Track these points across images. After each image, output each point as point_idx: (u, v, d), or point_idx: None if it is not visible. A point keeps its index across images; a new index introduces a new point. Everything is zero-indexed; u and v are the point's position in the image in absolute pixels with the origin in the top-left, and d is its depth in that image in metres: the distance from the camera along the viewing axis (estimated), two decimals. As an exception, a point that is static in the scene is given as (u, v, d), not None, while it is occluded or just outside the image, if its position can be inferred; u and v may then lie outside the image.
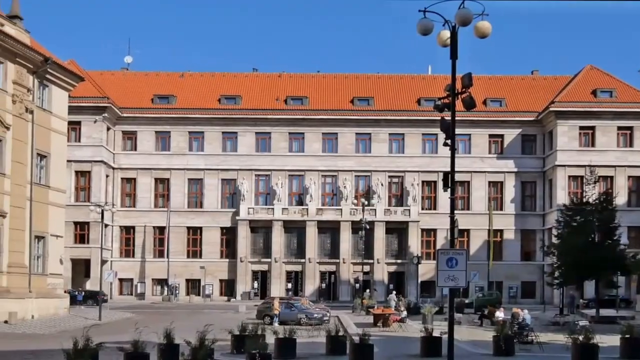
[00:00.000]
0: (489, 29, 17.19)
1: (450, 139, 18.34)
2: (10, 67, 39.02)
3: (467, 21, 17.02)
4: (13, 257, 38.99)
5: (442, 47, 17.87)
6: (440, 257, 17.82)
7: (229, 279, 67.70)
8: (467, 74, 18.02)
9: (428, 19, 17.45)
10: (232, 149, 68.77)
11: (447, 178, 18.37)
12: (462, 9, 16.98)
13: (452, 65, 17.96)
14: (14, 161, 39.27)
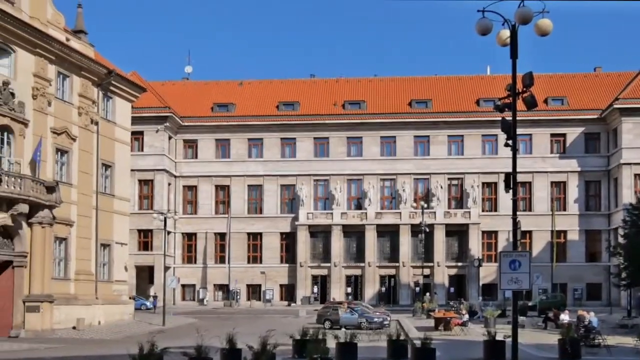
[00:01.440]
0: (550, 26, 16.95)
1: (511, 139, 18.13)
2: (76, 80, 40.22)
3: (528, 19, 16.85)
4: (80, 264, 40.13)
5: (502, 46, 17.71)
6: (503, 259, 17.63)
7: (289, 283, 68.12)
8: (528, 73, 17.81)
9: (487, 19, 17.33)
10: (290, 154, 69.26)
11: (508, 179, 18.16)
12: (522, 8, 16.82)
13: (512, 64, 17.78)
14: (80, 171, 40.43)
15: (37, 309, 35.06)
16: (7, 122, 34.69)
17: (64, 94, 39.50)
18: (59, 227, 37.87)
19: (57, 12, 38.96)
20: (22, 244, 35.24)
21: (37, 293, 35.22)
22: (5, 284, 35.06)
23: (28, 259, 35.34)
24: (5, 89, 34.35)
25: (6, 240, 34.86)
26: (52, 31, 37.90)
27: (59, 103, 38.69)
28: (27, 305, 35.03)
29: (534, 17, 16.87)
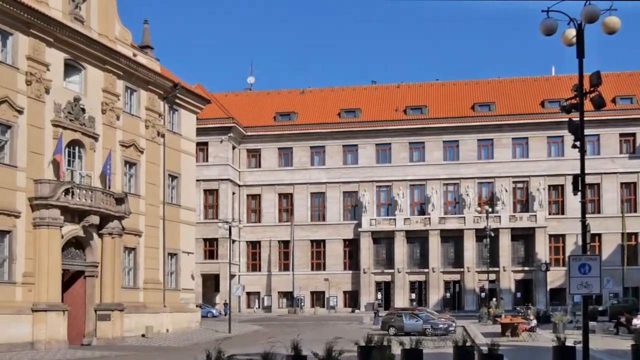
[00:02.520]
0: (618, 24, 16.63)
1: (579, 140, 17.82)
2: (143, 94, 41.33)
3: (594, 18, 16.57)
4: (148, 273, 41.11)
5: (568, 46, 17.43)
6: (572, 263, 17.34)
7: (352, 290, 68.21)
8: (596, 72, 17.51)
9: (552, 19, 17.12)
10: (352, 161, 69.46)
11: (576, 181, 17.83)
12: (588, 6, 16.57)
13: (579, 64, 17.47)
14: (147, 183, 41.45)
15: (108, 317, 36.09)
16: (79, 137, 35.86)
17: (132, 108, 40.62)
18: (128, 237, 38.89)
19: (124, 28, 40.13)
20: (93, 255, 36.34)
21: (108, 302, 36.25)
22: (78, 293, 36.19)
23: (99, 268, 36.40)
24: (76, 104, 35.52)
25: (78, 251, 35.99)
26: (120, 47, 39.06)
27: (127, 117, 39.80)
28: (99, 313, 36.08)
29: (601, 15, 16.59)
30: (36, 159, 33.06)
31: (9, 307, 31.07)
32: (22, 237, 32.13)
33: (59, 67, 34.90)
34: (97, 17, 37.62)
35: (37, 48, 33.28)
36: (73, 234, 34.86)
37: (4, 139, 31.69)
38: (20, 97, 32.37)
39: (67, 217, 33.89)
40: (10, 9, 31.41)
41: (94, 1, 37.38)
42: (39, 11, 32.82)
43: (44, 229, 32.82)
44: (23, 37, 32.65)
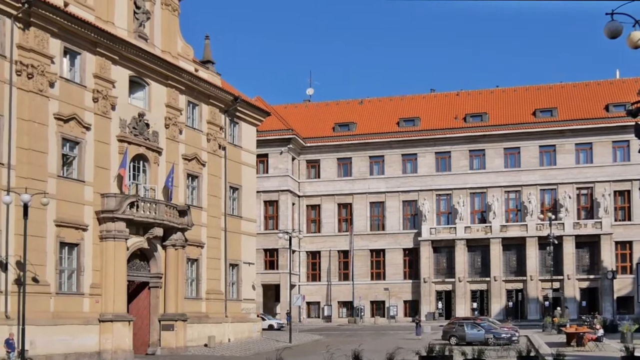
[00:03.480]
0: (686, 26, 16.33)
1: (646, 144, 17.57)
2: (205, 108, 42.23)
3: (661, 20, 16.30)
4: (211, 284, 41.86)
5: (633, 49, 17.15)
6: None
7: (412, 299, 67.93)
8: (663, 74, 17.23)
9: (616, 21, 16.93)
10: (412, 170, 69.28)
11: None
12: (656, 6, 16.31)
13: (645, 66, 17.20)
14: (209, 195, 42.28)
15: (171, 327, 36.93)
16: (143, 151, 36.89)
17: (194, 122, 41.55)
18: (190, 248, 39.75)
19: (186, 44, 41.13)
20: (157, 266, 37.26)
21: (171, 312, 37.11)
22: (142, 304, 37.15)
23: (163, 279, 37.32)
24: (141, 120, 36.57)
25: (143, 262, 36.96)
26: (182, 63, 40.05)
27: (189, 131, 40.73)
28: (163, 323, 36.97)
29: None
30: (102, 174, 34.14)
31: (78, 317, 32.12)
32: (89, 250, 33.22)
33: (124, 84, 36.01)
34: (160, 34, 38.70)
35: (104, 66, 34.42)
36: (138, 246, 35.81)
37: (72, 155, 32.84)
38: (87, 114, 33.52)
39: (132, 229, 34.87)
40: (79, 29, 32.62)
41: (157, 19, 38.49)
42: (105, 31, 33.99)
43: (110, 241, 33.84)
44: (90, 56, 33.82)
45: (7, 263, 28.78)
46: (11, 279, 28.90)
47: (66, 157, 32.55)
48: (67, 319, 31.38)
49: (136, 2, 37.05)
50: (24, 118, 30.05)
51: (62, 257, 32.01)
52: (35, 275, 29.52)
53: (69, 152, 32.67)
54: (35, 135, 30.49)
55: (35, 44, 30.52)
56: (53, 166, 31.46)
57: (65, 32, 32.13)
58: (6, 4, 29.23)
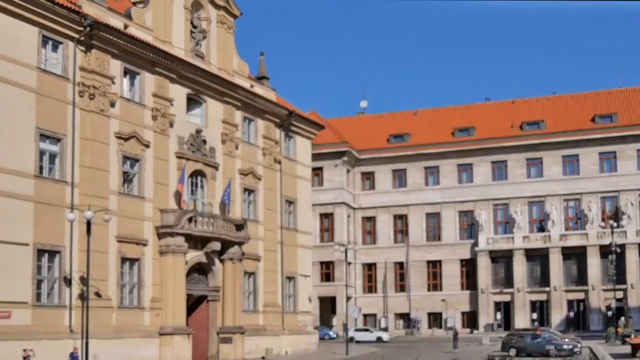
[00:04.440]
0: None
1: None
2: (260, 123, 42.83)
3: None
4: (267, 297, 42.31)
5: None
6: None
7: (470, 310, 67.32)
8: None
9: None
10: (467, 180, 68.82)
11: None
12: None
13: None
14: (265, 209, 42.80)
15: (229, 340, 37.43)
16: (200, 167, 37.61)
17: (250, 137, 42.16)
18: (247, 262, 40.27)
19: (241, 61, 41.82)
20: (215, 279, 37.85)
21: (229, 325, 37.63)
22: (201, 316, 37.77)
23: (221, 293, 37.87)
24: (198, 136, 37.31)
25: (201, 276, 37.59)
26: (238, 80, 40.73)
27: (245, 146, 41.34)
28: (221, 336, 37.53)
29: None
30: (161, 190, 34.92)
31: (139, 330, 32.86)
32: (149, 264, 33.98)
33: (182, 101, 36.81)
34: (216, 52, 39.47)
35: (162, 85, 35.28)
36: (196, 260, 36.46)
37: (132, 172, 33.70)
38: (147, 131, 34.38)
39: (190, 244, 35.52)
40: (139, 50, 33.54)
41: (213, 38, 39.27)
42: (164, 51, 34.86)
43: (169, 256, 34.55)
44: (149, 76, 34.72)
45: (71, 278, 29.67)
46: (75, 294, 29.77)
47: (126, 174, 33.40)
48: (129, 332, 32.12)
49: (193, 22, 37.90)
50: (87, 137, 30.99)
51: (124, 272, 32.81)
52: (98, 290, 30.34)
53: (129, 169, 33.54)
54: (97, 153, 31.40)
55: (96, 65, 31.49)
56: (114, 183, 32.33)
57: (125, 53, 33.07)
58: (69, 28, 30.26)
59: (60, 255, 29.54)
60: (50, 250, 29.22)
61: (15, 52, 28.25)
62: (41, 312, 28.51)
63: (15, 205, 27.73)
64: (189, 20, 37.61)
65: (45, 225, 28.84)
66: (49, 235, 29.02)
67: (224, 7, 39.98)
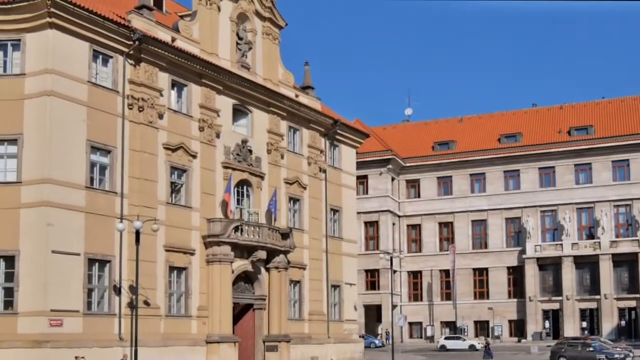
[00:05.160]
0: None
1: None
2: (305, 132, 43.14)
3: None
4: (313, 305, 42.51)
5: None
6: None
7: (518, 319, 66.56)
8: None
9: None
10: (514, 186, 68.18)
11: None
12: None
13: None
14: (311, 217, 43.04)
15: (275, 348, 37.73)
16: (246, 177, 38.05)
17: (295, 146, 42.47)
18: (293, 270, 40.52)
19: (286, 71, 42.19)
20: (261, 288, 38.20)
21: (275, 333, 37.92)
22: (247, 325, 38.15)
23: (267, 301, 38.20)
24: (244, 146, 37.77)
25: (247, 285, 37.98)
26: (283, 90, 41.11)
27: (290, 155, 41.66)
28: (267, 344, 37.84)
29: None
30: (208, 199, 35.42)
31: (186, 338, 33.36)
32: (196, 273, 34.48)
33: (228, 112, 37.30)
34: (262, 63, 39.91)
35: (209, 96, 35.82)
36: (242, 268, 36.86)
37: (180, 182, 34.27)
38: (194, 142, 34.94)
39: (236, 253, 35.95)
40: (186, 62, 34.14)
41: (258, 48, 39.73)
42: (210, 62, 35.41)
43: (216, 264, 35.01)
44: (196, 88, 35.29)
45: (121, 287, 30.31)
46: (124, 302, 30.40)
47: (174, 184, 33.98)
48: (176, 340, 32.62)
49: (239, 34, 38.41)
50: (135, 149, 31.64)
51: (171, 281, 33.36)
52: (146, 298, 30.93)
53: (176, 179, 34.11)
54: (146, 164, 32.03)
55: (145, 78, 32.15)
56: (162, 194, 32.91)
57: (173, 65, 33.68)
58: (119, 43, 30.98)
59: (110, 265, 30.22)
60: (101, 260, 29.91)
61: (68, 68, 29.05)
62: (92, 320, 29.20)
63: (68, 216, 28.48)
64: (234, 32, 38.14)
65: (95, 235, 29.54)
66: (99, 245, 29.72)
67: (269, 19, 40.42)
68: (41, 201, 27.83)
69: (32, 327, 27.20)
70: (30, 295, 27.44)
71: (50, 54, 28.50)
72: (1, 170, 28.33)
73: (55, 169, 28.20)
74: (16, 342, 26.94)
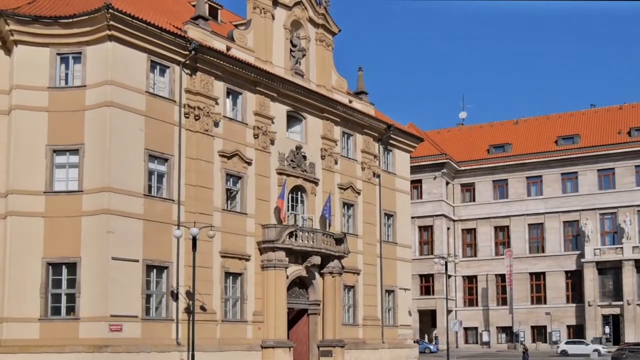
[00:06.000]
0: None
1: None
2: (359, 138, 43.19)
3: None
4: (367, 310, 42.50)
5: None
6: None
7: (577, 324, 65.37)
8: None
9: None
10: (572, 189, 67.06)
11: None
12: None
13: None
14: (364, 222, 43.04)
15: (330, 353, 37.84)
16: (301, 183, 38.29)
17: (349, 151, 42.55)
18: (347, 275, 40.60)
19: (340, 77, 42.31)
20: (316, 293, 38.38)
21: (329, 338, 38.04)
22: (302, 330, 38.38)
23: (321, 306, 38.35)
24: (298, 152, 38.02)
25: (302, 290, 38.21)
26: (337, 96, 41.24)
27: (344, 161, 41.77)
28: (321, 349, 37.97)
29: None
30: (263, 206, 35.77)
31: (241, 343, 33.74)
32: (251, 279, 34.84)
33: (282, 119, 37.61)
34: (315, 69, 40.11)
35: (263, 104, 36.18)
36: (297, 274, 37.08)
37: (235, 189, 34.71)
38: (249, 149, 35.34)
39: (291, 258, 36.16)
40: (241, 71, 34.58)
41: (312, 55, 39.95)
42: (265, 70, 35.77)
43: (271, 270, 35.32)
44: (251, 95, 35.69)
45: (178, 293, 30.87)
46: (181, 307, 30.93)
47: (230, 191, 34.42)
48: (232, 345, 33.01)
49: (292, 41, 38.69)
50: (192, 157, 32.17)
51: (227, 286, 33.78)
52: (203, 304, 31.42)
53: (232, 186, 34.55)
54: (202, 172, 32.53)
55: (201, 87, 32.67)
56: (218, 200, 33.37)
57: (228, 74, 34.13)
58: (176, 53, 31.56)
59: (167, 271, 30.76)
60: (159, 266, 30.47)
61: (127, 78, 29.72)
62: (150, 325, 29.77)
63: (127, 224, 29.12)
64: (288, 39, 38.43)
65: (153, 242, 30.13)
66: (157, 251, 30.30)
67: (323, 25, 40.61)
68: (101, 209, 28.55)
69: (93, 332, 27.94)
70: (91, 301, 28.19)
71: (110, 65, 29.22)
72: (63, 180, 29.18)
73: (114, 177, 28.88)
74: (78, 346, 27.71)
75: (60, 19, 29.18)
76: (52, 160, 29.15)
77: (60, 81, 29.78)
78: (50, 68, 29.55)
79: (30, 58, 29.51)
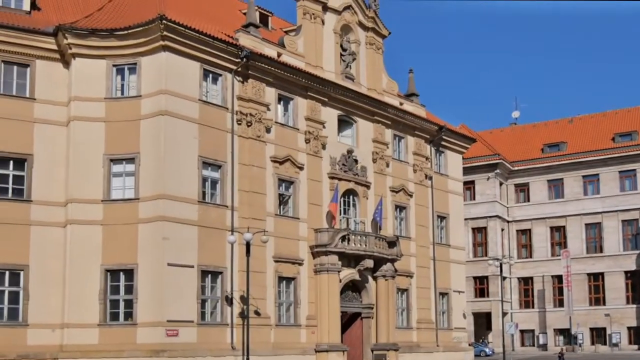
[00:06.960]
0: None
1: None
2: (410, 140, 43.05)
3: None
4: (421, 313, 42.35)
5: None
6: None
7: (637, 326, 63.79)
8: None
9: None
10: (631, 187, 65.56)
11: None
12: None
13: None
14: (417, 225, 42.88)
15: (384, 357, 37.79)
16: (352, 186, 38.35)
17: (400, 154, 42.45)
18: (400, 278, 40.50)
19: (390, 80, 42.23)
20: (369, 297, 38.38)
21: (383, 342, 37.97)
22: (355, 333, 38.41)
23: (374, 310, 38.33)
24: (350, 156, 38.10)
25: (355, 293, 38.25)
26: (387, 98, 41.17)
27: (395, 163, 41.67)
28: (375, 353, 37.92)
29: None
30: (315, 210, 35.95)
31: (295, 347, 33.97)
32: (305, 283, 35.06)
33: (333, 123, 37.74)
34: (366, 73, 40.13)
35: (314, 108, 36.38)
36: (350, 277, 37.13)
37: (287, 194, 34.98)
38: (300, 154, 35.56)
39: (344, 262, 36.22)
40: (292, 77, 34.87)
41: (362, 59, 39.98)
42: (316, 75, 35.98)
43: (324, 274, 35.44)
44: (302, 100, 35.93)
45: (232, 298, 31.27)
46: (236, 312, 31.31)
47: (282, 196, 34.70)
48: (286, 349, 33.27)
49: (342, 45, 38.79)
50: (244, 163, 32.55)
51: (281, 291, 34.05)
52: (257, 308, 31.77)
53: (284, 191, 34.82)
54: (255, 178, 32.88)
55: (253, 94, 33.03)
56: (271, 206, 33.68)
57: (279, 80, 34.43)
58: (227, 61, 31.99)
59: (222, 276, 31.19)
60: (213, 271, 30.93)
61: (181, 87, 30.28)
62: (205, 330, 30.22)
63: (182, 230, 29.65)
64: (338, 44, 38.54)
65: (208, 247, 30.58)
66: (211, 257, 30.74)
67: (373, 29, 40.59)
68: (157, 216, 29.12)
69: (150, 337, 28.49)
70: (148, 306, 28.77)
71: (164, 75, 29.80)
72: (120, 188, 29.85)
73: (169, 184, 29.42)
74: (136, 351, 28.32)
75: (116, 31, 29.89)
76: (109, 169, 29.86)
77: (117, 92, 30.50)
78: (106, 79, 30.29)
79: (87, 70, 30.29)
